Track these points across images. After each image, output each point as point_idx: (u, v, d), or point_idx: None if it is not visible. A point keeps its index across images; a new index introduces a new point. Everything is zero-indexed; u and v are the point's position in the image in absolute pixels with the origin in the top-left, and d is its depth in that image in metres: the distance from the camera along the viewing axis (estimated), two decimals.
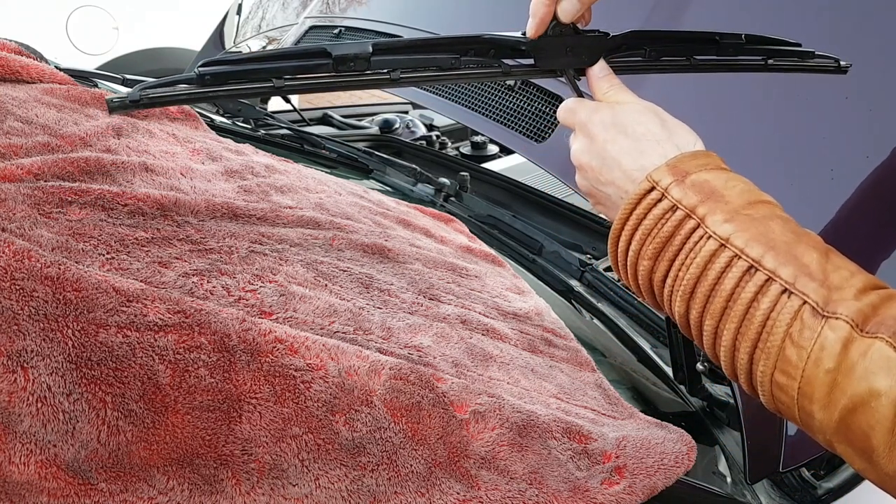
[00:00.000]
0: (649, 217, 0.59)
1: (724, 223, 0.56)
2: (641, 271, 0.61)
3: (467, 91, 1.31)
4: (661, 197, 0.59)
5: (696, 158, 0.61)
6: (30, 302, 0.57)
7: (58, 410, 0.54)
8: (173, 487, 0.56)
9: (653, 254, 0.59)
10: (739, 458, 0.86)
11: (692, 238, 0.57)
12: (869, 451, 0.50)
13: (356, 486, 0.61)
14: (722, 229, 0.56)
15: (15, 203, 0.72)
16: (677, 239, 0.58)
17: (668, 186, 0.59)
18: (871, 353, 0.49)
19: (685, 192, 0.58)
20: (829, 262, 0.54)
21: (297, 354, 0.64)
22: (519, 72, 0.73)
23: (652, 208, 0.59)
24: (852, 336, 0.50)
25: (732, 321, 0.55)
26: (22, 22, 2.92)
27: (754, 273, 0.54)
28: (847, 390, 0.50)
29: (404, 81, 0.68)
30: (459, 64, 0.70)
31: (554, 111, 1.18)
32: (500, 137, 1.24)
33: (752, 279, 0.54)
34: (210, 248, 0.79)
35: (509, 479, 0.68)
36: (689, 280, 0.57)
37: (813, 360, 0.51)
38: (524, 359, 0.86)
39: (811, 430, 0.54)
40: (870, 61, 0.98)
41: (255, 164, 1.06)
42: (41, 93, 1.00)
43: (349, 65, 0.66)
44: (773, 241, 0.55)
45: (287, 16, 1.93)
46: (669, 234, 0.58)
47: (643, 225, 0.59)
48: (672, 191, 0.58)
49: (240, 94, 0.66)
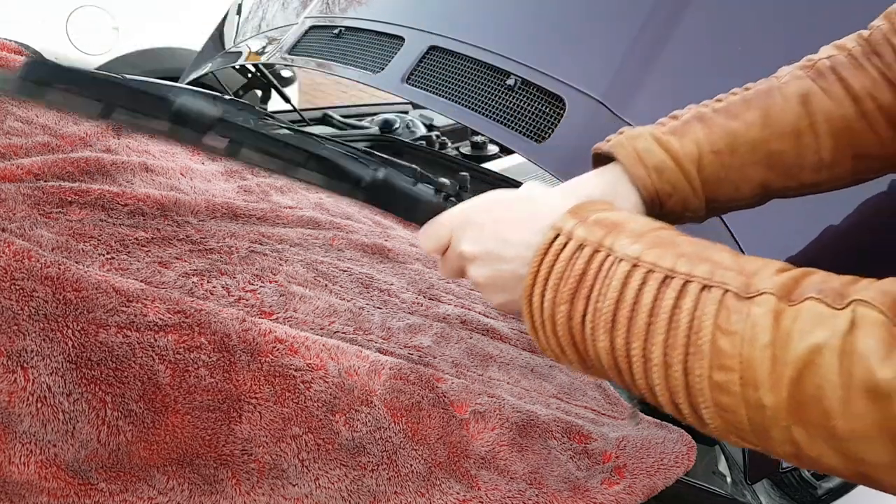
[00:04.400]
0: (559, 261, 0.59)
1: (632, 245, 0.57)
2: (560, 319, 0.59)
3: (467, 91, 1.31)
4: (567, 240, 0.59)
5: (594, 205, 0.63)
6: (30, 302, 0.57)
7: (58, 410, 0.54)
8: (173, 487, 0.56)
9: (568, 296, 0.58)
10: (739, 458, 0.86)
11: (604, 267, 0.57)
12: (826, 420, 0.48)
13: (356, 485, 0.61)
14: (631, 250, 0.56)
15: (15, 203, 0.72)
16: (590, 273, 0.58)
17: (572, 228, 0.59)
18: (802, 313, 0.49)
19: (590, 230, 0.59)
20: (741, 257, 0.55)
21: (298, 354, 0.64)
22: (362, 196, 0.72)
23: (560, 252, 0.59)
24: (780, 307, 0.50)
25: (658, 334, 0.54)
26: (22, 22, 2.92)
27: (670, 281, 0.54)
28: (788, 360, 0.49)
29: (242, 158, 0.67)
30: (305, 164, 0.68)
31: (554, 111, 1.18)
32: (500, 137, 1.24)
33: (670, 286, 0.54)
34: (210, 248, 0.79)
35: (509, 479, 0.68)
36: (608, 308, 0.56)
37: (748, 342, 0.50)
38: (524, 359, 0.86)
39: (765, 427, 0.51)
40: None
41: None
42: None
43: (187, 123, 0.63)
44: (683, 251, 0.56)
45: (287, 16, 1.93)
46: (581, 271, 0.58)
47: (554, 270, 0.59)
48: (577, 231, 0.59)
49: (63, 104, 0.61)
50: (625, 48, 1.15)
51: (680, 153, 0.73)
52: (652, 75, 1.11)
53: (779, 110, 0.75)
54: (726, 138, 0.74)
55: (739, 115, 0.76)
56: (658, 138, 0.74)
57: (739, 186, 0.74)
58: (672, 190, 0.73)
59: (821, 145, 0.74)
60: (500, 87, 1.27)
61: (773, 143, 0.74)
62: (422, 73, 1.38)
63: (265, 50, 1.90)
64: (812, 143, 0.74)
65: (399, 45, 1.45)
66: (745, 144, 0.74)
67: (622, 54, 1.15)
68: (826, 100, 0.75)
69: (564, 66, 1.21)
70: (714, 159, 0.73)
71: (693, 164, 0.73)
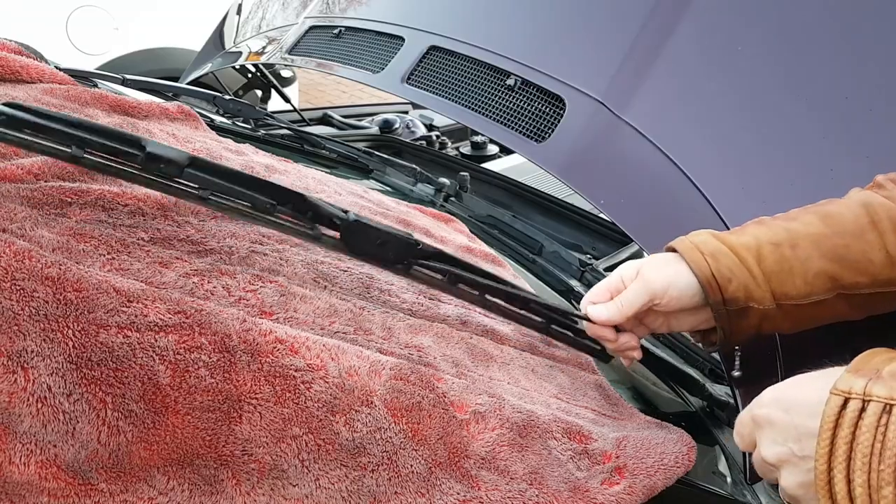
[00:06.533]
0: (862, 432, 0.48)
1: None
2: None
3: (467, 91, 1.31)
4: (864, 404, 0.49)
5: (875, 355, 0.52)
6: (30, 302, 0.57)
7: (58, 411, 0.54)
8: (173, 488, 0.56)
9: (891, 475, 0.46)
10: (739, 458, 0.86)
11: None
12: None
13: (356, 486, 0.61)
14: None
15: (15, 204, 0.72)
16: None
17: (865, 388, 0.49)
18: None
19: (891, 386, 0.48)
20: None
21: (298, 355, 0.64)
22: (329, 243, 0.73)
23: (858, 421, 0.48)
24: None
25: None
26: (22, 22, 2.92)
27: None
28: None
29: (213, 204, 0.67)
30: (273, 210, 0.69)
31: (554, 111, 1.18)
32: (500, 137, 1.24)
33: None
34: (210, 249, 0.79)
35: (509, 480, 0.68)
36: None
37: None
38: (524, 359, 0.86)
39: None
40: (870, 61, 0.98)
41: (255, 164, 1.06)
42: (41, 93, 1.00)
43: (160, 166, 0.64)
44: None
45: (287, 16, 1.93)
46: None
47: (859, 445, 0.48)
48: (874, 389, 0.49)
49: (33, 147, 0.62)
50: (625, 48, 1.15)
51: (736, 243, 0.76)
52: (652, 75, 1.11)
53: (838, 212, 0.77)
54: (785, 234, 0.76)
55: (798, 217, 0.78)
56: (715, 234, 0.78)
57: (809, 281, 0.74)
58: (731, 275, 0.74)
59: (887, 241, 0.74)
60: (500, 87, 1.27)
61: (835, 238, 0.75)
62: (422, 73, 1.38)
63: (265, 50, 1.90)
64: (876, 240, 0.74)
65: (399, 45, 1.45)
66: (806, 238, 0.75)
67: (622, 54, 1.15)
68: (887, 202, 0.76)
69: (564, 66, 1.21)
70: (774, 250, 0.75)
71: (750, 253, 0.75)
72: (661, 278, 0.76)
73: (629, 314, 0.78)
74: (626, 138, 1.08)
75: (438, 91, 1.34)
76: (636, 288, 0.78)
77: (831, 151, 0.96)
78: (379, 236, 0.72)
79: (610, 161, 1.10)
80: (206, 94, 1.55)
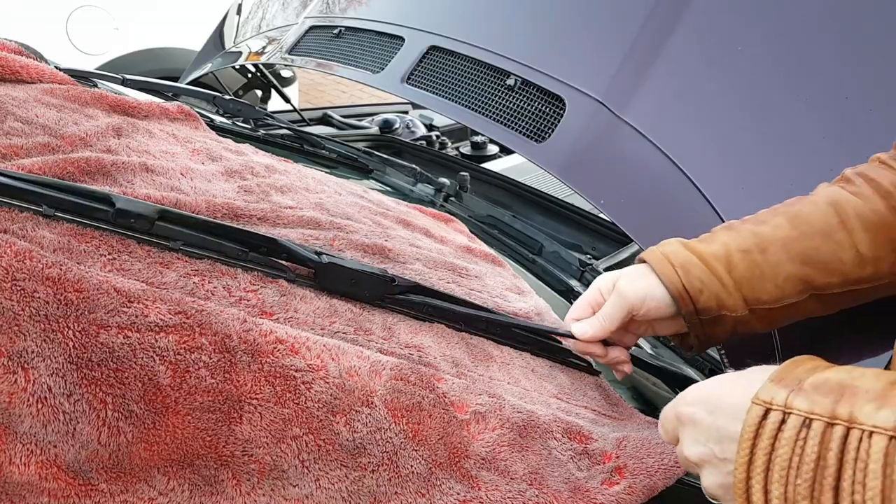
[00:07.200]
0: (781, 444, 0.47)
1: (879, 410, 0.45)
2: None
3: (467, 91, 1.31)
4: (784, 416, 0.48)
5: (800, 364, 0.51)
6: (31, 303, 0.57)
7: (58, 411, 0.54)
8: (174, 488, 0.56)
9: (807, 489, 0.46)
10: None
11: (849, 447, 0.45)
12: None
13: (357, 486, 0.61)
14: (881, 418, 0.44)
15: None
16: (830, 456, 0.45)
17: (786, 399, 0.48)
18: None
19: (812, 399, 0.47)
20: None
21: (298, 355, 0.65)
22: (304, 284, 0.76)
23: (778, 433, 0.48)
24: None
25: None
26: (22, 22, 2.91)
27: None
28: None
29: (185, 254, 0.71)
30: (246, 257, 0.73)
31: (554, 111, 1.18)
32: (500, 137, 1.24)
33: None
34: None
35: (509, 480, 0.68)
36: (873, 497, 0.44)
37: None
38: (524, 359, 0.86)
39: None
40: (870, 61, 0.98)
41: (255, 164, 1.06)
42: (41, 93, 1.00)
43: (129, 221, 0.68)
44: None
45: (287, 16, 1.93)
46: (817, 456, 0.46)
47: (778, 457, 0.47)
48: (795, 402, 0.48)
49: (2, 206, 0.65)
50: (625, 48, 1.15)
51: (706, 252, 0.76)
52: (652, 75, 1.11)
53: (807, 213, 0.77)
54: (754, 239, 0.76)
55: (767, 220, 0.78)
56: (684, 244, 0.78)
57: (780, 285, 0.74)
58: (701, 285, 0.74)
59: (856, 240, 0.74)
60: (500, 87, 1.27)
61: (805, 240, 0.75)
62: (422, 73, 1.38)
63: (265, 50, 1.90)
64: (846, 239, 0.74)
65: (399, 45, 1.45)
66: (775, 243, 0.75)
67: (622, 54, 1.15)
68: (855, 199, 0.76)
69: (564, 66, 1.21)
70: (744, 257, 0.75)
71: (720, 262, 0.75)
72: (635, 291, 0.77)
73: (612, 329, 0.79)
74: (626, 138, 1.08)
75: (438, 91, 1.34)
76: (614, 301, 0.79)
77: (831, 151, 0.96)
78: (353, 276, 0.76)
79: (610, 161, 1.10)
80: (206, 94, 1.55)
